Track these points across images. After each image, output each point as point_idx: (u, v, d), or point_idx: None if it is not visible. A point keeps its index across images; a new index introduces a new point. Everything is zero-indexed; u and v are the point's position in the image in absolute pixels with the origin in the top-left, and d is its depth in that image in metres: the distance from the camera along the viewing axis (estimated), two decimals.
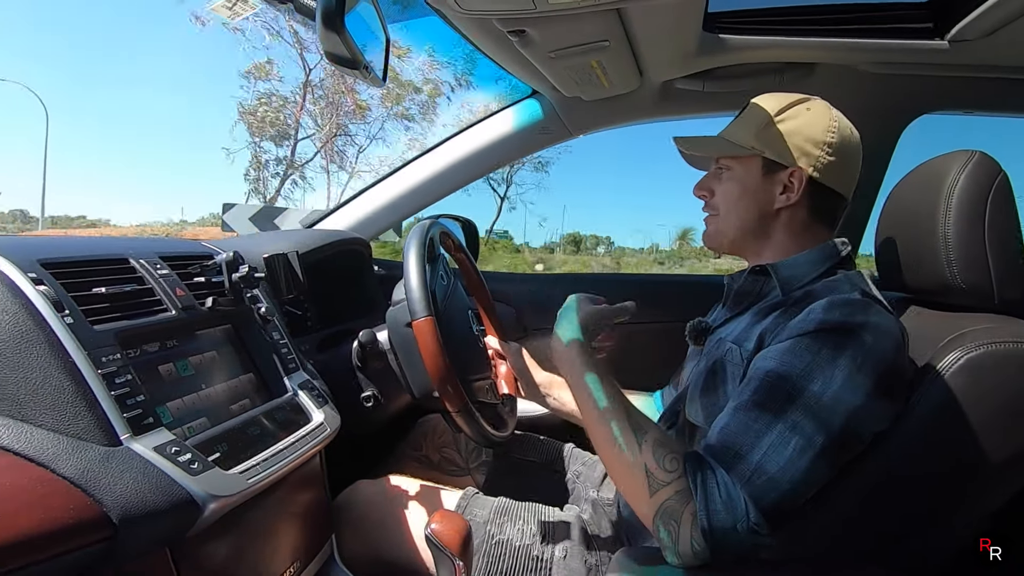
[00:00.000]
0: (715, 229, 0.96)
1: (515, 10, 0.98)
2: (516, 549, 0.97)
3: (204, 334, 0.84)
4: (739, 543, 0.67)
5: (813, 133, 0.87)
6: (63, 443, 0.58)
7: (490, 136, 1.63)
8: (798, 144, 0.87)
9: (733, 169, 0.93)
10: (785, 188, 0.89)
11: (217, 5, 2.01)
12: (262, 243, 1.15)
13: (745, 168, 0.91)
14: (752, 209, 0.91)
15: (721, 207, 0.94)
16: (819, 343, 0.73)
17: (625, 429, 0.76)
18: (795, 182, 0.88)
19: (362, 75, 0.80)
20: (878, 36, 1.20)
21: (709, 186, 0.97)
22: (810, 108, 0.90)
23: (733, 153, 0.92)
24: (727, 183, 0.94)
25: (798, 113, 0.89)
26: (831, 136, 0.87)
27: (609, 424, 0.77)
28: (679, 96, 1.50)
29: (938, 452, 0.75)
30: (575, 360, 0.86)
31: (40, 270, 0.65)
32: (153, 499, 0.60)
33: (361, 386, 1.05)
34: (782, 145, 0.88)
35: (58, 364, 0.61)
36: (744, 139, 0.91)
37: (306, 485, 0.92)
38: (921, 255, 0.86)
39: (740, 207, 0.92)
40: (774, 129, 0.89)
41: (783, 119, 0.89)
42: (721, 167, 0.95)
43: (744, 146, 0.90)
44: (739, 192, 0.92)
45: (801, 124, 0.88)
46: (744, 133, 0.91)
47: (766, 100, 0.92)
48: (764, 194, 0.90)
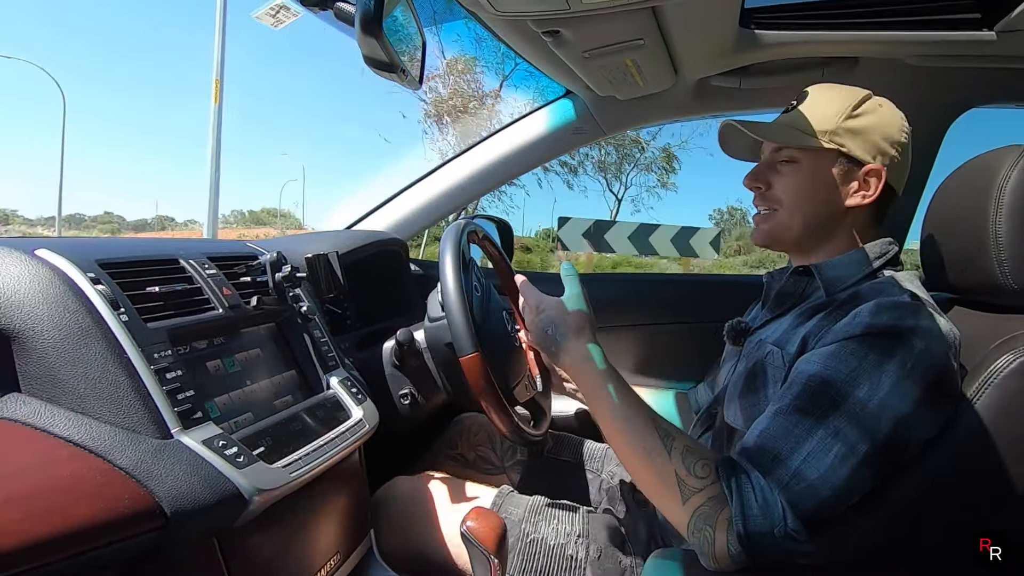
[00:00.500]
0: (775, 225, 0.90)
1: (549, 11, 0.98)
2: (551, 548, 0.97)
3: (249, 332, 0.87)
4: (776, 548, 0.66)
5: (890, 131, 0.84)
6: (119, 435, 0.61)
7: (524, 137, 1.63)
8: (877, 141, 0.84)
9: (802, 162, 0.87)
10: (860, 186, 0.85)
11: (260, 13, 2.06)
12: (304, 243, 1.18)
13: (818, 162, 0.86)
14: (822, 206, 0.87)
15: (785, 202, 0.88)
16: (866, 347, 0.70)
17: (651, 437, 0.73)
18: (872, 180, 0.84)
19: (399, 78, 0.82)
20: (924, 28, 1.16)
21: (767, 178, 0.91)
22: (882, 105, 0.86)
23: (810, 144, 0.85)
24: (794, 176, 0.88)
25: (873, 109, 0.85)
26: (904, 136, 0.85)
27: (633, 433, 0.75)
28: (714, 93, 1.48)
29: (989, 458, 0.72)
30: (583, 366, 0.82)
31: (98, 270, 0.68)
32: (202, 491, 0.62)
33: (399, 384, 1.07)
34: (863, 141, 0.84)
35: (114, 360, 0.64)
36: (821, 131, 0.85)
37: (346, 480, 0.94)
38: (970, 254, 0.83)
39: (810, 204, 0.87)
40: (853, 123, 0.84)
41: (861, 113, 0.85)
42: (785, 159, 0.89)
43: (822, 138, 0.85)
44: (810, 188, 0.87)
45: (878, 121, 0.85)
46: (820, 125, 0.85)
47: (834, 92, 0.88)
48: (837, 192, 0.86)
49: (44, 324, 0.62)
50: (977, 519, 0.73)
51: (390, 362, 1.07)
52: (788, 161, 0.88)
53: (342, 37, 0.82)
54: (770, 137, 0.89)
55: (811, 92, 0.90)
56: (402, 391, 1.07)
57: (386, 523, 1.04)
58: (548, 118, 1.62)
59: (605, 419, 0.78)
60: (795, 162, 0.88)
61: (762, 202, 0.92)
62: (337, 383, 0.93)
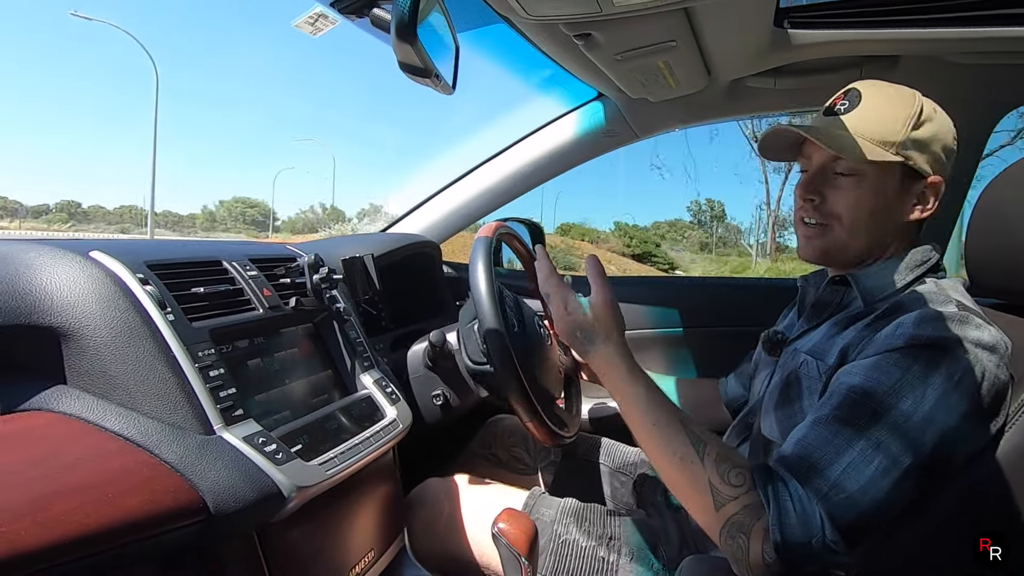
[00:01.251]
0: (831, 242, 0.85)
1: (581, 14, 0.99)
2: (583, 549, 0.97)
3: (288, 332, 0.89)
4: (812, 560, 0.64)
5: (947, 141, 0.81)
6: (165, 431, 0.63)
7: (557, 140, 1.64)
8: (938, 152, 0.80)
9: (865, 175, 0.81)
10: (919, 200, 0.82)
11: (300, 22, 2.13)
12: (340, 246, 1.20)
13: (883, 175, 0.81)
14: (886, 223, 0.82)
15: (846, 218, 0.82)
16: (910, 359, 0.68)
17: (683, 443, 0.72)
18: (930, 194, 0.81)
19: (433, 83, 0.83)
20: (967, 24, 1.12)
21: (821, 189, 0.84)
22: (936, 111, 0.82)
23: (879, 157, 0.79)
24: (856, 191, 0.82)
25: (932, 116, 0.81)
26: (955, 143, 0.82)
27: (664, 438, 0.73)
28: (749, 94, 1.46)
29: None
30: (612, 371, 0.80)
31: (146, 271, 0.71)
32: (243, 486, 0.64)
33: (431, 385, 1.08)
34: (927, 153, 0.80)
35: (161, 357, 0.66)
36: (887, 143, 0.79)
37: (380, 479, 0.96)
38: (1018, 258, 0.81)
39: (873, 220, 0.82)
40: (918, 134, 0.79)
41: (924, 122, 0.79)
42: (845, 171, 0.82)
43: (888, 150, 0.79)
44: (874, 203, 0.81)
45: (937, 130, 0.80)
46: (885, 135, 0.79)
47: (889, 95, 0.82)
48: (900, 206, 0.82)
49: (97, 322, 0.64)
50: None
51: (423, 363, 1.09)
52: (848, 173, 0.82)
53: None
54: (835, 148, 0.80)
55: (865, 92, 0.83)
56: (435, 392, 1.08)
57: (419, 523, 1.06)
58: (579, 121, 1.62)
59: (635, 423, 0.77)
60: (857, 175, 0.81)
61: (816, 214, 0.85)
62: (372, 383, 0.94)
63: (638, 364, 0.81)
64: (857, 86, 0.85)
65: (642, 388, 0.78)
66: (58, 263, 0.67)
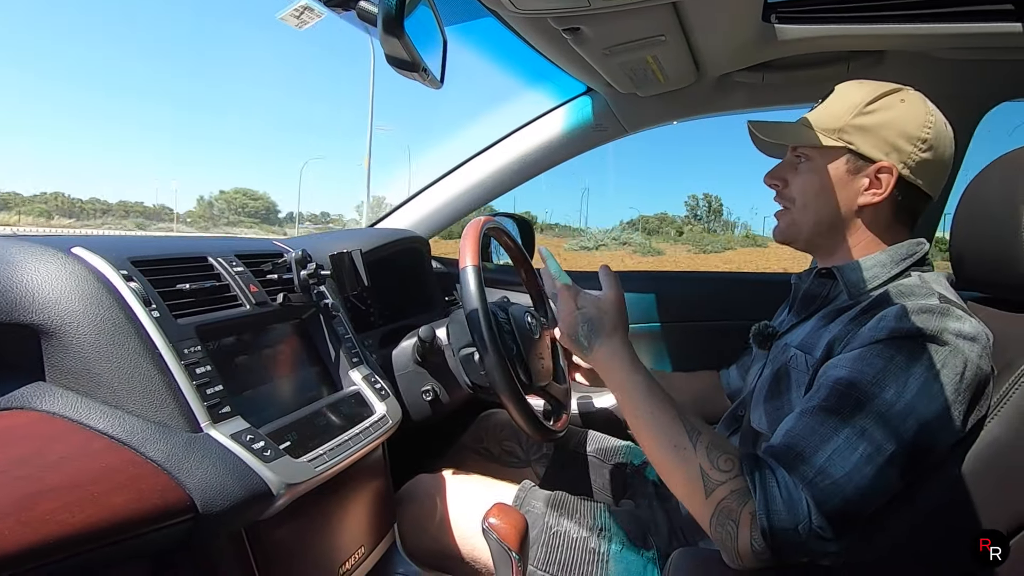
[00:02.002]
0: (789, 223, 0.91)
1: (569, 8, 0.98)
2: (573, 541, 0.98)
3: (275, 328, 0.88)
4: (800, 546, 0.65)
5: (907, 127, 0.82)
6: (151, 428, 0.63)
7: (546, 134, 1.64)
8: (889, 138, 0.82)
9: (814, 160, 0.87)
10: (871, 184, 0.84)
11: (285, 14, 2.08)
12: (328, 242, 1.20)
13: (828, 160, 0.86)
14: (832, 205, 0.86)
15: (798, 200, 0.89)
16: (892, 350, 0.69)
17: (678, 432, 0.74)
18: (883, 178, 0.83)
19: (421, 77, 0.83)
20: (953, 20, 1.13)
21: (783, 175, 0.91)
22: (904, 100, 0.84)
23: (816, 143, 0.85)
24: (806, 174, 0.88)
25: (891, 104, 0.83)
26: (926, 132, 0.82)
27: (659, 427, 0.76)
28: (737, 89, 1.46)
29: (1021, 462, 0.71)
30: (614, 363, 0.84)
31: (130, 267, 0.70)
32: (231, 483, 0.64)
33: (421, 381, 1.08)
34: (872, 138, 0.83)
35: (146, 355, 0.65)
36: (830, 129, 0.85)
37: (370, 475, 0.96)
38: (1001, 252, 0.81)
39: (819, 202, 0.87)
40: (864, 120, 0.83)
41: (873, 109, 0.83)
42: (800, 156, 0.89)
43: (830, 136, 0.85)
44: (819, 185, 0.86)
45: (894, 116, 0.83)
46: (830, 122, 0.85)
47: (855, 88, 0.87)
48: (847, 189, 0.85)
49: (80, 320, 0.63)
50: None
51: (412, 359, 1.08)
52: (803, 159, 0.89)
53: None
54: (774, 137, 0.89)
55: (837, 89, 0.89)
56: (424, 387, 1.08)
57: (409, 519, 1.06)
58: (568, 116, 1.62)
59: (632, 414, 0.80)
60: (809, 160, 0.88)
61: (779, 199, 0.93)
62: (361, 379, 0.94)
63: (637, 358, 0.85)
64: (839, 85, 0.89)
65: (642, 380, 0.81)
66: (39, 260, 0.65)
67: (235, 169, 76.67)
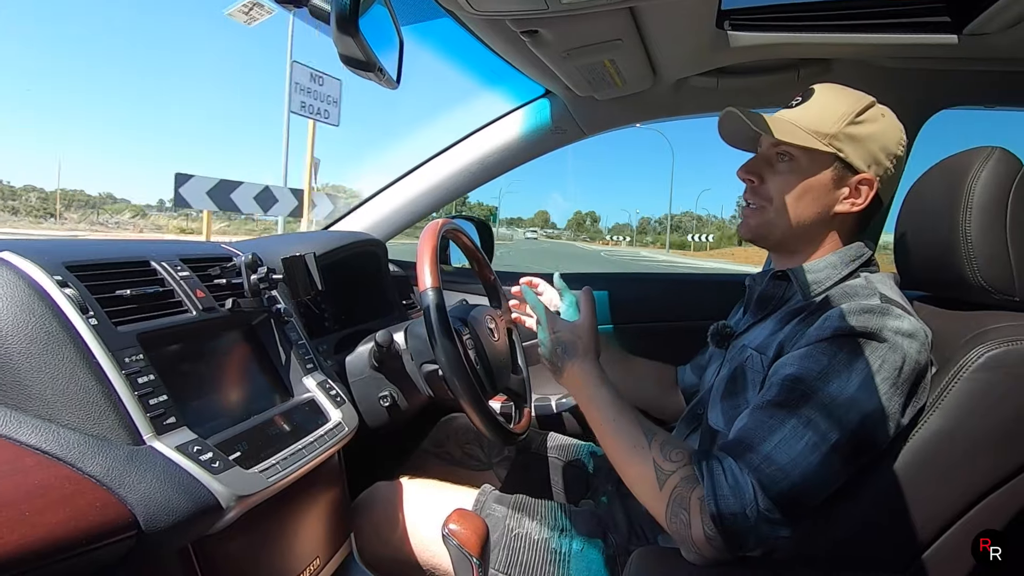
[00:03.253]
0: (762, 222, 0.90)
1: (528, 10, 0.98)
2: (535, 542, 0.98)
3: (224, 335, 0.85)
4: (751, 530, 0.68)
5: (888, 143, 0.85)
6: (88, 442, 0.59)
7: (504, 136, 1.63)
8: (874, 151, 0.84)
9: (798, 161, 0.86)
10: (851, 194, 0.85)
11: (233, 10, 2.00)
12: (280, 245, 1.16)
13: (814, 164, 0.86)
14: (811, 209, 0.87)
15: (775, 200, 0.88)
16: (835, 348, 0.73)
17: (636, 433, 0.78)
18: (863, 190, 0.85)
19: (377, 77, 0.81)
20: (895, 31, 1.18)
21: (759, 171, 0.90)
22: (884, 115, 0.86)
23: (809, 144, 0.84)
24: (788, 175, 0.87)
25: (876, 118, 0.85)
26: (900, 149, 0.86)
27: (620, 431, 0.80)
28: (693, 94, 1.49)
29: (960, 451, 0.74)
30: (585, 380, 0.88)
31: (65, 272, 0.67)
32: (176, 498, 0.61)
33: (378, 386, 1.06)
34: (861, 149, 0.84)
35: (83, 365, 0.62)
36: (822, 133, 0.84)
37: (325, 484, 0.93)
38: (942, 253, 0.85)
39: (799, 205, 0.87)
40: (854, 130, 0.84)
41: (863, 121, 0.84)
42: (783, 154, 0.88)
43: (822, 141, 0.84)
44: (802, 188, 0.86)
45: (879, 130, 0.85)
46: (821, 126, 0.84)
47: (839, 95, 0.87)
48: (828, 196, 0.86)
49: (8, 329, 0.60)
50: (957, 511, 0.75)
51: (369, 364, 1.06)
52: (785, 158, 0.88)
53: None
54: (769, 132, 0.86)
55: (818, 91, 0.89)
56: (382, 393, 1.06)
57: (367, 527, 1.04)
58: (527, 118, 1.61)
59: (597, 421, 0.84)
60: (792, 160, 0.87)
61: (753, 196, 0.91)
62: (315, 386, 0.91)
63: (604, 373, 0.88)
64: (815, 86, 0.90)
65: (608, 393, 0.85)
66: None
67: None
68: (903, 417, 0.73)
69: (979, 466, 0.75)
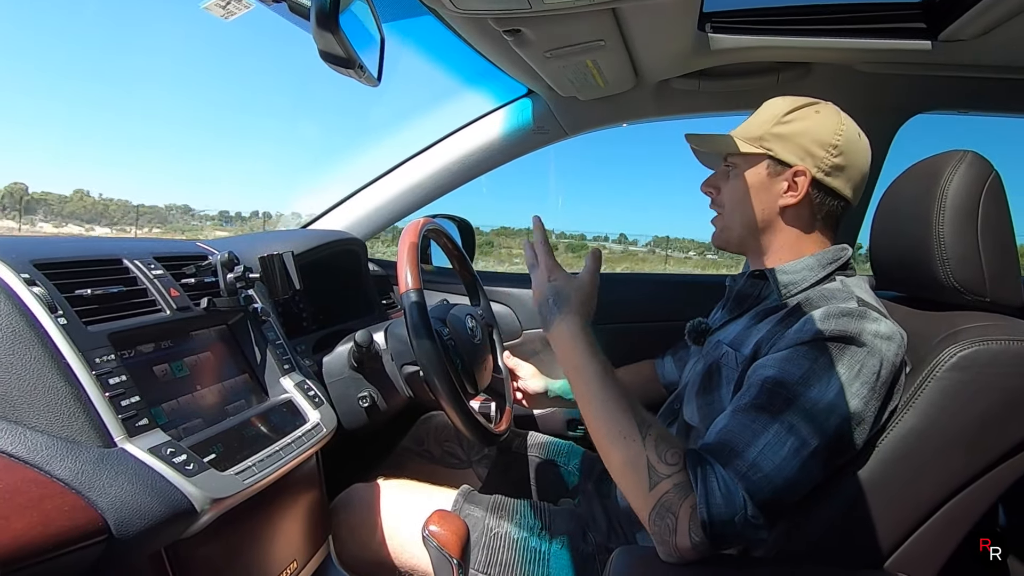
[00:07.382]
0: (722, 227, 0.98)
1: (510, 10, 0.98)
2: (514, 542, 0.98)
3: (199, 335, 0.83)
4: (736, 536, 0.68)
5: (820, 135, 0.88)
6: (57, 445, 0.58)
7: (486, 136, 1.62)
8: (804, 145, 0.88)
9: (739, 167, 0.94)
10: (789, 187, 0.90)
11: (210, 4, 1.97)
12: (257, 243, 1.15)
13: (751, 166, 0.92)
14: (756, 207, 0.92)
15: (727, 204, 0.96)
16: (816, 352, 0.74)
17: (628, 422, 0.75)
18: (799, 181, 0.89)
19: (357, 74, 0.80)
20: (872, 36, 1.20)
21: (716, 183, 0.98)
22: (819, 111, 0.91)
23: (738, 150, 0.93)
24: (733, 181, 0.94)
25: (806, 115, 0.90)
26: (837, 139, 0.88)
27: (610, 415, 0.76)
28: (675, 96, 1.50)
29: (933, 448, 0.76)
30: (574, 344, 0.83)
31: (33, 271, 0.65)
32: (148, 501, 0.60)
33: (357, 387, 1.05)
34: (789, 144, 0.89)
35: (51, 365, 0.60)
36: (752, 137, 0.92)
37: (303, 486, 0.92)
38: (915, 255, 0.87)
39: (745, 204, 0.93)
40: (781, 128, 0.90)
41: (790, 120, 0.90)
42: (729, 165, 0.96)
43: (751, 144, 0.91)
44: (744, 190, 0.93)
45: (809, 126, 0.89)
46: (752, 131, 0.92)
47: (778, 101, 0.94)
48: (768, 192, 0.91)
49: None
50: (933, 508, 0.76)
51: (348, 364, 1.05)
52: (732, 167, 0.95)
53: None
54: (705, 147, 0.99)
55: (764, 104, 0.96)
56: (361, 393, 1.05)
57: (345, 529, 1.03)
58: (509, 117, 1.61)
59: (585, 398, 0.80)
60: (736, 167, 0.94)
61: (714, 206, 0.99)
62: (292, 386, 0.90)
63: (598, 346, 0.84)
64: (767, 101, 0.96)
65: (599, 365, 0.80)
66: None
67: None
68: (879, 420, 0.75)
69: (951, 463, 0.76)
